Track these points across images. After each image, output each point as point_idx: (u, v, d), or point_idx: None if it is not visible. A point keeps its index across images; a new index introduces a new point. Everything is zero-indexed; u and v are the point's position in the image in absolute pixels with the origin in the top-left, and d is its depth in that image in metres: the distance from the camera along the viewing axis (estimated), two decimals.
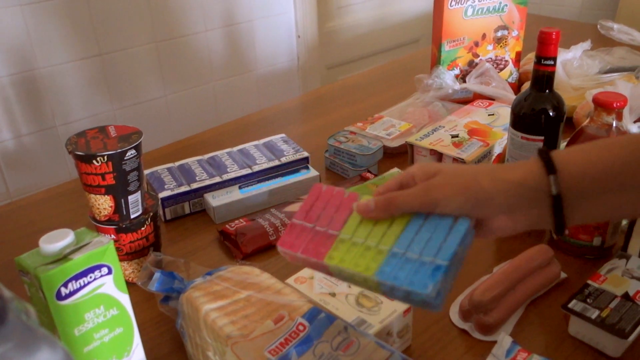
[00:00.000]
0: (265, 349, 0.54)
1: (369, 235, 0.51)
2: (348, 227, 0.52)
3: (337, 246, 0.51)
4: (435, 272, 0.46)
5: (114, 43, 1.74)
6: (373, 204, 0.51)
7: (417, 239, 0.49)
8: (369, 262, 0.49)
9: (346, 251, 0.51)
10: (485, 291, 0.67)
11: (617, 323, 0.63)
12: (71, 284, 0.52)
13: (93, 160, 0.68)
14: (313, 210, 0.55)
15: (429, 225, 0.50)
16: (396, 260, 0.48)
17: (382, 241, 0.50)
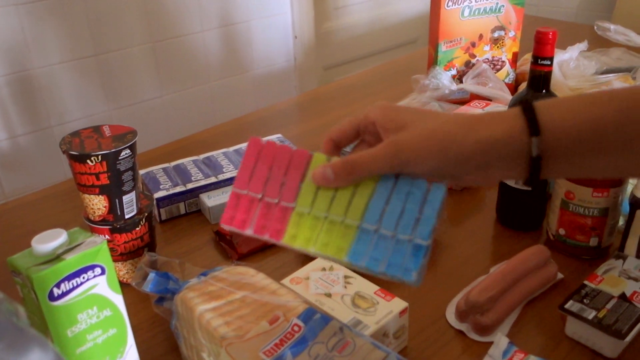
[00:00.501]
0: (260, 350, 0.54)
1: (332, 206, 0.45)
2: (304, 196, 0.45)
3: (296, 221, 0.45)
4: (417, 254, 0.42)
5: (110, 43, 1.73)
6: (331, 172, 0.44)
7: (389, 211, 0.44)
8: (339, 241, 0.44)
9: (308, 228, 0.45)
10: (481, 292, 0.67)
11: (614, 324, 0.62)
12: (64, 284, 0.51)
13: (87, 160, 0.68)
14: (256, 174, 0.47)
15: (399, 192, 0.44)
16: (369, 238, 0.44)
17: (348, 213, 0.44)
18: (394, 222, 0.44)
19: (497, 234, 0.86)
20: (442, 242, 0.84)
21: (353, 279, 0.68)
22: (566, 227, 0.78)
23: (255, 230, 0.46)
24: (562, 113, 0.44)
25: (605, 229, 0.76)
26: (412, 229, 0.43)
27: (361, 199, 0.45)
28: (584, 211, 0.75)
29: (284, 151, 0.47)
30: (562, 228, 0.78)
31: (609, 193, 0.73)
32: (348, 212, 0.45)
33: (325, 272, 0.69)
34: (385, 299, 0.64)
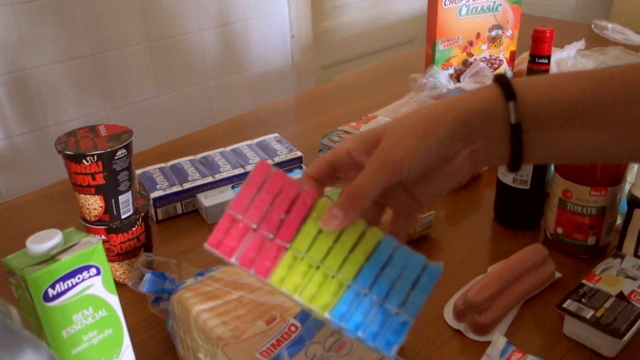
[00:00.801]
0: (257, 350, 0.53)
1: (328, 257, 0.43)
2: (302, 239, 0.44)
3: (288, 264, 0.43)
4: (401, 330, 0.42)
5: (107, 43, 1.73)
6: (339, 210, 0.43)
7: (384, 277, 0.43)
8: (326, 295, 0.42)
9: (299, 274, 0.43)
10: (479, 291, 0.67)
11: (611, 323, 0.62)
12: (59, 285, 0.51)
13: (83, 159, 0.68)
14: (257, 202, 0.44)
15: (397, 263, 0.44)
16: (357, 300, 0.43)
17: (342, 269, 0.43)
18: (386, 291, 0.43)
19: (494, 233, 0.86)
20: (440, 242, 0.84)
21: None
22: (564, 226, 0.78)
23: (241, 262, 0.43)
24: (538, 85, 0.44)
25: (603, 228, 0.76)
26: (401, 303, 0.43)
27: (358, 257, 0.44)
28: (581, 210, 0.75)
29: (292, 185, 0.45)
30: (560, 227, 0.78)
31: (607, 192, 0.73)
32: (342, 268, 0.43)
33: None
34: None
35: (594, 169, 0.72)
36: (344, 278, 0.43)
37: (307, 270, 0.43)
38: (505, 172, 0.83)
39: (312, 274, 0.43)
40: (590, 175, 0.73)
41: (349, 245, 0.44)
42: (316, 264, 0.43)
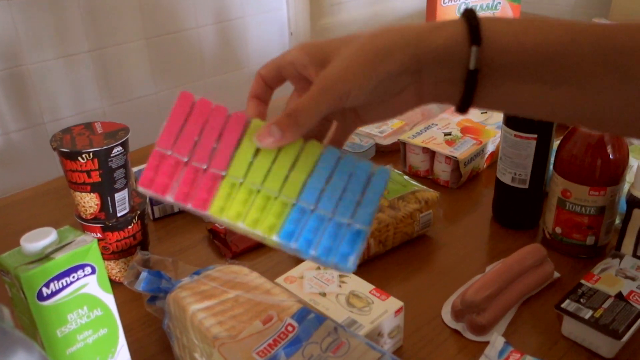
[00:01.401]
0: (253, 350, 0.53)
1: (267, 179, 0.41)
2: (238, 165, 0.42)
3: (226, 193, 0.41)
4: (355, 240, 0.40)
5: (104, 39, 1.72)
6: (277, 128, 0.41)
7: (329, 190, 0.41)
8: (271, 218, 0.40)
9: (239, 201, 0.41)
10: (477, 291, 0.66)
11: (610, 323, 0.62)
12: (53, 284, 0.50)
13: (78, 157, 0.67)
14: (184, 134, 0.42)
15: (341, 172, 0.42)
16: (304, 218, 0.41)
17: (284, 189, 0.41)
18: (334, 203, 0.41)
19: (493, 232, 0.85)
20: (438, 241, 0.83)
21: (348, 278, 0.67)
22: (563, 225, 0.77)
23: (177, 197, 0.41)
24: (508, 29, 0.40)
25: (602, 228, 0.76)
26: (352, 213, 0.41)
27: (300, 174, 0.42)
28: (580, 210, 0.75)
29: (219, 113, 0.43)
30: (559, 227, 0.78)
31: (606, 192, 0.73)
32: (284, 187, 0.41)
33: (319, 271, 0.68)
34: (380, 298, 0.64)
35: (594, 169, 0.72)
36: (287, 197, 0.41)
37: (247, 196, 0.41)
38: (504, 172, 0.82)
39: (254, 199, 0.41)
40: (590, 175, 0.72)
41: (288, 163, 0.42)
42: (256, 187, 0.41)
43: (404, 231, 0.80)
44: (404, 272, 0.77)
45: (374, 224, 0.76)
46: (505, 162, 0.82)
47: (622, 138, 0.73)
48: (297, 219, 0.41)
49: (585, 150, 0.72)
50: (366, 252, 0.77)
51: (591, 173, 0.72)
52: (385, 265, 0.78)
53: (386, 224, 0.78)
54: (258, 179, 0.41)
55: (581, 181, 0.73)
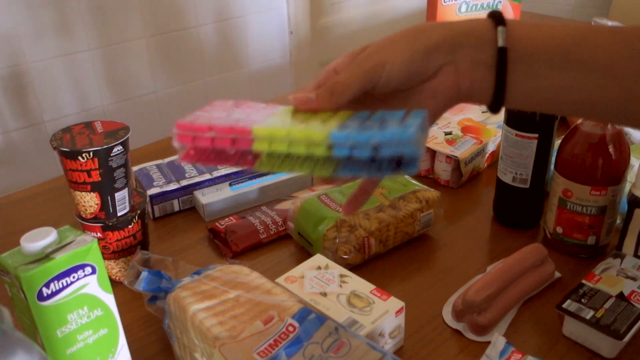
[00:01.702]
0: (254, 350, 0.53)
1: (307, 121, 0.41)
2: (276, 117, 0.42)
3: (268, 123, 0.41)
4: (410, 124, 0.38)
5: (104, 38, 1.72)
6: (313, 94, 0.43)
7: (372, 120, 0.40)
8: (319, 128, 0.39)
9: (283, 129, 0.40)
10: (478, 291, 0.66)
11: (611, 324, 0.62)
12: (53, 284, 0.50)
13: (78, 156, 0.67)
14: (215, 113, 0.43)
15: (379, 114, 0.41)
16: (355, 124, 0.39)
17: (327, 124, 0.40)
18: (378, 122, 0.40)
19: (494, 232, 0.85)
20: (438, 241, 0.83)
21: (349, 277, 0.67)
22: (564, 225, 0.77)
23: (220, 129, 0.40)
24: (529, 24, 0.44)
25: (603, 228, 0.76)
26: (399, 121, 0.39)
27: (338, 118, 0.41)
28: (581, 209, 0.74)
29: (251, 104, 0.45)
30: (560, 226, 0.78)
31: (607, 191, 0.73)
32: (326, 123, 0.41)
33: (320, 271, 0.68)
34: (381, 298, 0.64)
35: (595, 169, 0.72)
36: (331, 123, 0.40)
37: (289, 126, 0.40)
38: (505, 172, 0.82)
39: (295, 128, 0.40)
40: (591, 175, 0.72)
41: (326, 116, 0.42)
42: (297, 124, 0.40)
43: (405, 231, 0.80)
44: (405, 271, 0.77)
45: (374, 224, 0.76)
46: (506, 162, 0.81)
47: (623, 138, 0.72)
48: (347, 125, 0.39)
49: (586, 150, 0.72)
50: (367, 252, 0.77)
51: (592, 173, 0.72)
52: (386, 265, 0.78)
53: (387, 224, 0.77)
54: (298, 121, 0.41)
55: (582, 181, 0.73)
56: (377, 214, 0.78)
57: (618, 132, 0.72)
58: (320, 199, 0.80)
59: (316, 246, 0.76)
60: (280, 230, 0.84)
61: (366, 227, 0.76)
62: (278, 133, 0.39)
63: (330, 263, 0.69)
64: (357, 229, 0.76)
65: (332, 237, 0.75)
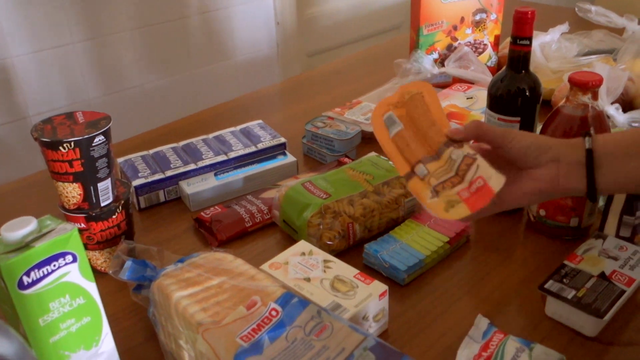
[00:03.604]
0: (237, 335, 0.53)
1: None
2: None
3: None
4: None
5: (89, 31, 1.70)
6: (463, 128, 0.61)
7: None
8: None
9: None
10: None
11: (593, 303, 0.62)
12: (34, 272, 0.50)
13: (59, 146, 0.66)
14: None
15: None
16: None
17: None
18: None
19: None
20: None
21: (333, 263, 0.67)
22: (547, 208, 0.78)
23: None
24: (609, 134, 0.61)
25: (585, 210, 0.76)
26: None
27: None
28: None
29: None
30: (543, 209, 0.78)
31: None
32: None
33: (304, 257, 0.68)
34: (365, 282, 0.64)
35: None
36: None
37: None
38: None
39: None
40: None
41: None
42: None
43: (390, 216, 0.80)
44: None
45: (358, 210, 0.77)
46: None
47: (604, 120, 0.73)
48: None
49: (568, 133, 0.72)
50: (351, 238, 0.77)
51: None
52: None
53: (371, 210, 0.78)
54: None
55: None
56: (361, 200, 0.78)
57: (599, 114, 0.72)
58: (304, 186, 0.80)
59: (301, 233, 0.76)
60: (266, 218, 0.84)
61: (350, 213, 0.76)
62: None
63: (314, 249, 0.70)
64: (342, 215, 0.76)
65: (317, 224, 0.75)
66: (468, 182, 0.58)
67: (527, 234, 0.81)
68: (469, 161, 0.59)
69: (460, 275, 0.74)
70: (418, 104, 0.65)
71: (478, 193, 0.56)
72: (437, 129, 0.62)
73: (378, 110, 0.66)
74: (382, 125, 0.65)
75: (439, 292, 0.71)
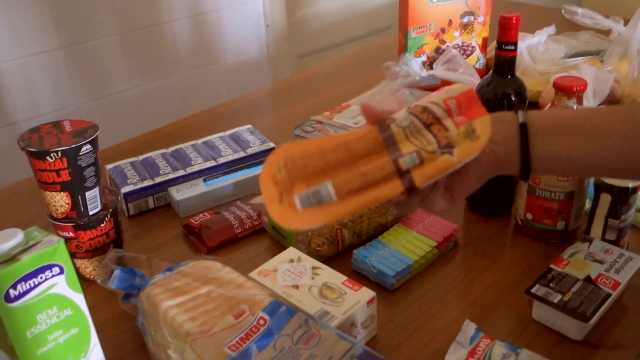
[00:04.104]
0: (225, 344, 0.53)
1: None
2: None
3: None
4: None
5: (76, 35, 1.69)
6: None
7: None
8: None
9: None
10: None
11: (578, 307, 0.63)
12: (20, 285, 0.50)
13: (46, 156, 0.66)
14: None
15: None
16: None
17: None
18: None
19: (467, 220, 0.86)
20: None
21: (321, 269, 0.67)
22: (533, 211, 0.78)
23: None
24: (542, 112, 0.56)
25: (571, 213, 0.77)
26: None
27: None
28: (550, 195, 0.76)
29: None
30: (530, 213, 0.79)
31: (574, 177, 0.74)
32: None
33: (293, 264, 0.69)
34: (353, 289, 0.64)
35: None
36: None
37: None
38: None
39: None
40: None
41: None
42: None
43: (378, 221, 0.80)
44: None
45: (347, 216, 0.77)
46: None
47: None
48: None
49: None
50: (340, 244, 0.78)
51: None
52: None
53: (360, 215, 0.78)
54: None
55: None
56: None
57: None
58: None
59: (290, 239, 0.77)
60: (255, 224, 0.84)
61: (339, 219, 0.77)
62: None
63: (303, 256, 0.70)
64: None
65: (305, 230, 0.75)
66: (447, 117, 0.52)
67: (514, 238, 0.81)
68: (419, 110, 0.52)
69: (448, 280, 0.74)
70: (308, 162, 0.52)
71: (472, 106, 0.53)
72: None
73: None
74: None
75: (427, 297, 0.71)
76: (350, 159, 0.51)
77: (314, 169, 0.51)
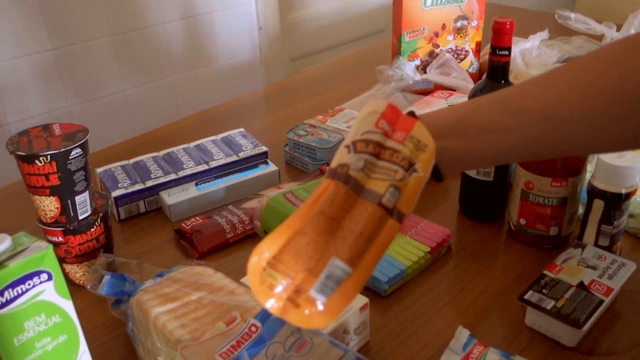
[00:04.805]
0: (216, 352, 0.52)
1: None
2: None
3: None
4: None
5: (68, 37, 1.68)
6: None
7: None
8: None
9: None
10: None
11: (571, 313, 0.63)
12: (7, 292, 0.49)
13: (35, 160, 0.65)
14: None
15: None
16: None
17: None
18: None
19: (460, 225, 0.86)
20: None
21: None
22: (527, 216, 0.78)
23: None
24: (436, 111, 0.56)
25: (564, 218, 0.77)
26: None
27: None
28: (543, 201, 0.76)
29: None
30: (523, 218, 0.79)
31: (568, 182, 0.74)
32: None
33: None
34: None
35: (555, 161, 0.73)
36: None
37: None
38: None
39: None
40: (551, 167, 0.73)
41: None
42: None
43: None
44: None
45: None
46: None
47: None
48: None
49: None
50: None
51: (553, 164, 0.73)
52: None
53: None
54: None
55: (543, 173, 0.74)
56: None
57: None
58: (286, 196, 0.80)
59: None
60: (247, 229, 0.84)
61: None
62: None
63: None
64: None
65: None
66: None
67: (508, 243, 0.81)
68: (362, 145, 0.51)
69: (441, 286, 0.74)
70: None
71: (399, 117, 0.53)
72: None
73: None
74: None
75: (420, 302, 0.71)
76: (333, 224, 0.49)
77: (308, 254, 0.48)
